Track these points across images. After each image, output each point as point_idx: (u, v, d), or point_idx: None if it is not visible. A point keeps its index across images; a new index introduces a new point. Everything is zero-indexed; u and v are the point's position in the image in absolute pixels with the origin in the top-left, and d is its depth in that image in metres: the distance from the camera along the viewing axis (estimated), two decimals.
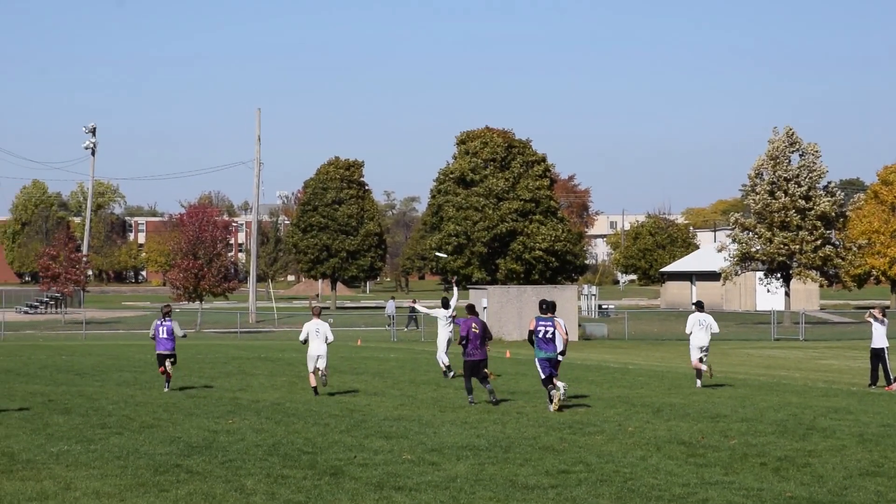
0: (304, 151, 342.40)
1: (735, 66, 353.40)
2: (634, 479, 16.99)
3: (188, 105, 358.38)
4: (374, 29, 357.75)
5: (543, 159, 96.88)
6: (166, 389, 31.68)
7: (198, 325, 78.69)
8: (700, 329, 33.04)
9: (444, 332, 36.94)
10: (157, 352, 32.28)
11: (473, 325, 27.80)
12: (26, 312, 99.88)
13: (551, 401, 26.20)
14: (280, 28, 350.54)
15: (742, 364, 45.11)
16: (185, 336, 33.12)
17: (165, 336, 32.10)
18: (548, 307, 26.61)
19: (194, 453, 19.35)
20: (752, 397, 29.84)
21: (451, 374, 35.88)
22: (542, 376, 26.48)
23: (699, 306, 33.83)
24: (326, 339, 30.47)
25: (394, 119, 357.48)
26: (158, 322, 32.38)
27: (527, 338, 28.29)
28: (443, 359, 36.63)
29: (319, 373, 30.52)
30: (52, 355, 48.38)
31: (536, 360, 26.58)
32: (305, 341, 30.66)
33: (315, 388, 30.48)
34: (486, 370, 27.76)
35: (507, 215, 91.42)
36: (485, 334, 27.87)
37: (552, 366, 26.39)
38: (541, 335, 26.33)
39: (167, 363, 31.97)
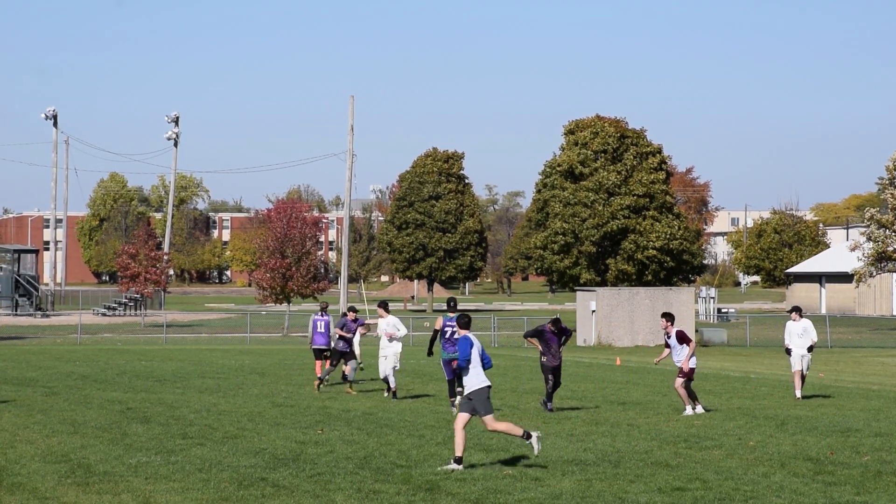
0: (399, 142, 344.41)
1: (871, 49, 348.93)
2: (756, 497, 16.87)
3: (276, 93, 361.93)
4: (473, 11, 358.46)
5: (659, 150, 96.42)
6: (319, 387, 34.49)
7: (285, 329, 79.36)
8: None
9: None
10: (313, 347, 36.23)
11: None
12: (104, 314, 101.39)
13: (454, 405, 27.72)
14: (375, 9, 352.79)
15: (876, 374, 44.61)
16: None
17: (322, 330, 36.01)
18: (455, 305, 28.86)
19: (280, 466, 19.53)
20: (887, 410, 29.50)
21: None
22: (448, 378, 28.39)
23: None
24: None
25: (496, 107, 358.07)
26: (316, 317, 36.39)
27: (430, 337, 29.43)
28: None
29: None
30: (131, 360, 49.07)
31: (442, 362, 28.48)
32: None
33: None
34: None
35: (619, 211, 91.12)
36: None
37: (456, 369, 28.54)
38: (447, 335, 28.15)
39: (323, 358, 35.83)
